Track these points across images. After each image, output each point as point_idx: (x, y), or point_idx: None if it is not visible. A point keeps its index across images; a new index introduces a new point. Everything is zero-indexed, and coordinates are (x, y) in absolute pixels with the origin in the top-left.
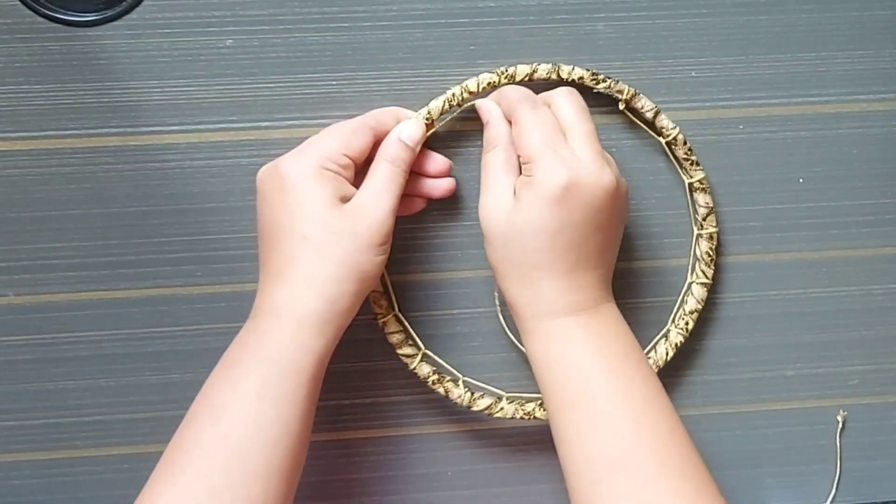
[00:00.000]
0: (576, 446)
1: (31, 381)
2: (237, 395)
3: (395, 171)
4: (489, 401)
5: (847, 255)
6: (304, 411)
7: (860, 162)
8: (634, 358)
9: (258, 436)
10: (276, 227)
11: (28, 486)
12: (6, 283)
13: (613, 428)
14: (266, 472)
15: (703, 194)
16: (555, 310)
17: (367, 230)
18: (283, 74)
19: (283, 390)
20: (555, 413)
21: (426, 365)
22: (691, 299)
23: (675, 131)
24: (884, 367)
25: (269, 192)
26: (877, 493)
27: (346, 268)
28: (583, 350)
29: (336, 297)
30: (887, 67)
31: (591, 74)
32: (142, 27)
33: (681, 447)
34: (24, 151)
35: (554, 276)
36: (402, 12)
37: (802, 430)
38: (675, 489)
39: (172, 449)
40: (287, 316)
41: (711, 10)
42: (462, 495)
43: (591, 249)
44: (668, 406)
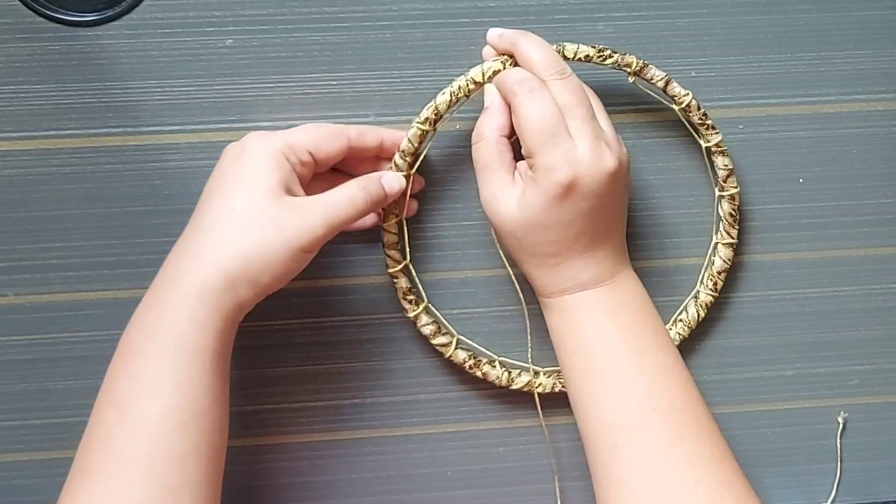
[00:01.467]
0: (593, 413)
1: (31, 381)
2: (140, 383)
3: (360, 196)
4: (527, 378)
5: (847, 255)
6: (213, 388)
7: (860, 162)
8: (651, 327)
9: (165, 423)
10: (212, 192)
11: (28, 486)
12: (6, 283)
13: (629, 397)
14: (180, 455)
15: (721, 157)
16: (575, 285)
17: (295, 228)
18: (283, 74)
19: (187, 371)
20: (572, 381)
21: (461, 351)
22: (718, 259)
23: (689, 97)
24: (884, 367)
25: (226, 160)
26: (877, 493)
27: (256, 253)
28: (599, 322)
29: (237, 279)
30: (887, 67)
31: (598, 51)
32: (142, 27)
33: (696, 415)
34: (24, 151)
35: (571, 259)
36: (402, 12)
37: (802, 430)
38: (691, 455)
39: (84, 448)
40: (186, 288)
41: (711, 10)
42: (462, 495)
43: (603, 228)
44: (684, 374)
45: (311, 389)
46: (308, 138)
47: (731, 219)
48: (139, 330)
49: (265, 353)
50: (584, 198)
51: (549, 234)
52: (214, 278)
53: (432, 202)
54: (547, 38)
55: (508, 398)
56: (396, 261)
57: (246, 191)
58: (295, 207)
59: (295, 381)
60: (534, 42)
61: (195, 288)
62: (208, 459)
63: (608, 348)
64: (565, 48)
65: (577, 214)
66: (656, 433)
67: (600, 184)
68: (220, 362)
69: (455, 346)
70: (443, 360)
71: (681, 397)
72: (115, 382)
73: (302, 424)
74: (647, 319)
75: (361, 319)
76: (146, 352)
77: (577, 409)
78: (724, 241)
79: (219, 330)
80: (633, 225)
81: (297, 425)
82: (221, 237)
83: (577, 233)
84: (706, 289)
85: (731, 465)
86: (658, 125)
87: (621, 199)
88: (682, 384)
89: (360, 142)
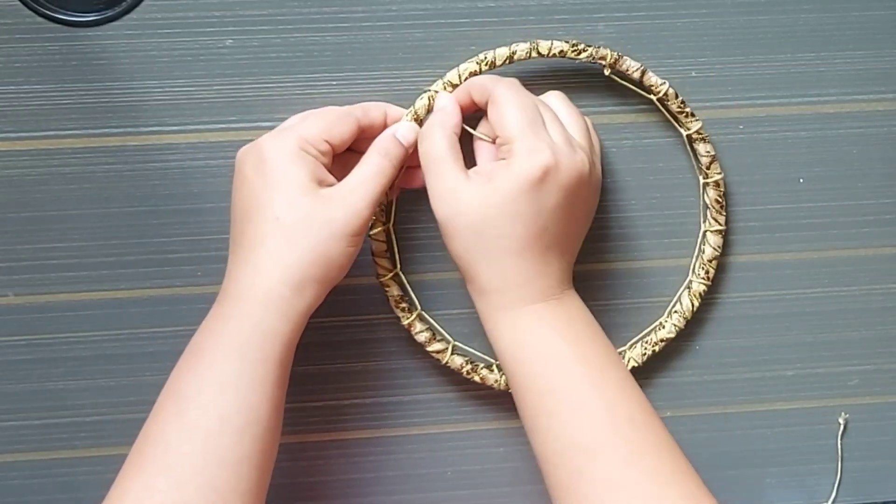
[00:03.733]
0: (553, 435)
1: (31, 381)
2: (201, 385)
3: (385, 164)
4: None
5: (847, 255)
6: (273, 397)
7: (860, 162)
8: (602, 343)
9: (223, 426)
10: (249, 205)
11: (28, 486)
12: (6, 283)
13: (590, 415)
14: (234, 461)
15: (703, 144)
16: (524, 296)
17: (342, 218)
18: (283, 74)
19: (249, 378)
20: (528, 404)
21: (458, 357)
22: (708, 248)
23: (665, 86)
24: (884, 367)
25: (247, 170)
26: (877, 493)
27: (314, 254)
28: (555, 337)
29: (302, 282)
30: (887, 67)
31: (572, 46)
32: (142, 27)
33: (655, 429)
34: (24, 151)
35: (526, 260)
36: (402, 12)
37: (802, 430)
38: (653, 470)
39: (140, 443)
40: (252, 300)
41: (711, 10)
42: (462, 495)
43: (561, 235)
44: (638, 390)
45: (311, 389)
46: (320, 127)
47: (718, 205)
48: (207, 334)
49: None
50: (554, 191)
51: (513, 226)
52: (280, 288)
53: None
54: (547, 39)
55: (508, 398)
56: (387, 269)
57: (282, 196)
58: (334, 198)
59: (295, 381)
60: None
61: (262, 298)
62: (260, 468)
63: (566, 364)
64: (539, 45)
65: (543, 208)
66: (618, 450)
67: (571, 179)
68: (282, 371)
69: (451, 352)
70: None
71: (639, 412)
72: (178, 382)
73: (302, 424)
74: (597, 336)
75: (361, 319)
76: (211, 355)
77: (534, 434)
78: (712, 228)
79: (286, 339)
80: (620, 225)
81: (297, 425)
82: (276, 249)
83: (539, 230)
84: (698, 278)
85: (693, 478)
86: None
87: (584, 215)
88: (639, 399)
89: (367, 119)
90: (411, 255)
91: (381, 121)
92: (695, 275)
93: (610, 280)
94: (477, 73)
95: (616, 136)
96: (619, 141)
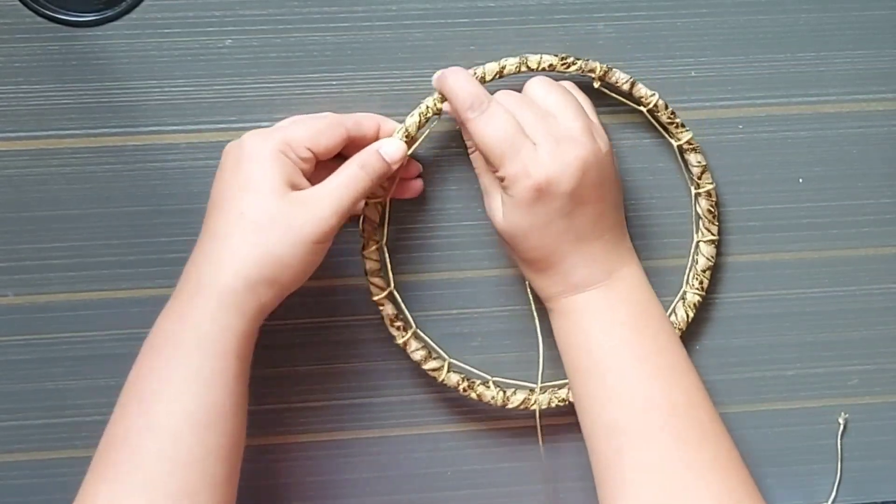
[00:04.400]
0: (594, 417)
1: (31, 381)
2: (163, 384)
3: (360, 175)
4: (523, 395)
5: (847, 255)
6: (234, 391)
7: (860, 162)
8: (653, 328)
9: (188, 423)
10: (220, 199)
11: (28, 486)
12: (6, 283)
13: (627, 400)
14: (200, 457)
15: (694, 154)
16: (568, 287)
17: (305, 223)
18: (283, 74)
19: (209, 374)
20: (575, 383)
21: (454, 374)
22: (701, 258)
23: (655, 98)
24: (884, 367)
25: (227, 163)
26: (877, 493)
27: (270, 255)
28: (596, 324)
29: (256, 282)
30: (887, 67)
31: (561, 60)
32: (142, 27)
33: (698, 419)
34: (24, 151)
35: (559, 261)
36: (402, 12)
37: (802, 430)
38: (691, 461)
39: (105, 445)
40: (207, 295)
41: (711, 10)
42: (462, 495)
43: (586, 224)
44: (688, 377)
45: (311, 389)
46: (305, 133)
47: (710, 215)
48: (163, 333)
49: (266, 353)
50: (556, 198)
51: (531, 240)
52: (234, 283)
53: (424, 203)
54: (547, 38)
55: None
56: (381, 288)
57: (252, 194)
58: (301, 202)
59: (295, 381)
60: (454, 80)
61: (217, 293)
62: (228, 461)
63: (605, 351)
64: (528, 59)
65: (554, 215)
66: (656, 437)
67: (569, 181)
68: (242, 365)
69: (447, 369)
70: None
71: (682, 401)
72: (139, 383)
73: (302, 424)
74: (647, 320)
75: (361, 319)
76: (170, 354)
77: (580, 410)
78: (704, 238)
79: (241, 333)
80: None
81: (297, 425)
82: (236, 243)
83: (558, 233)
84: (692, 289)
85: (735, 471)
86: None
87: (603, 191)
88: (685, 387)
89: (358, 130)
90: (422, 254)
91: (372, 133)
92: (689, 285)
93: None
94: None
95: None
96: (616, 148)
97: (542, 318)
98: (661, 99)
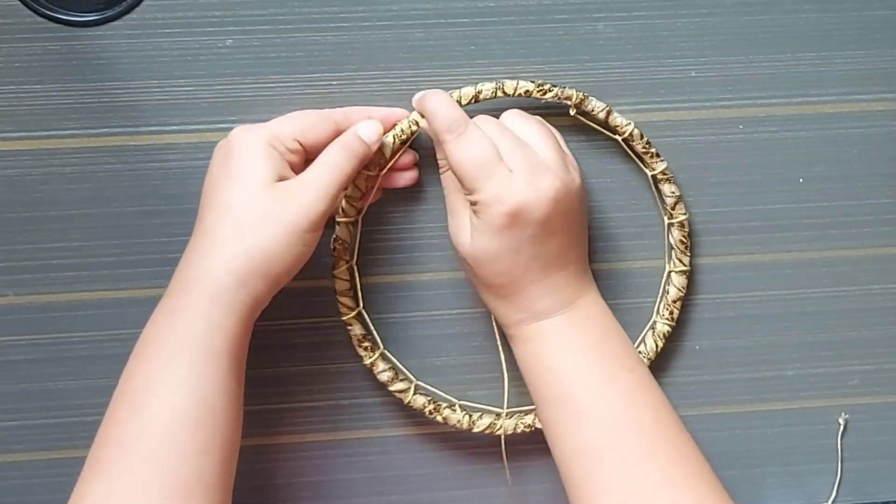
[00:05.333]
0: (563, 442)
1: (31, 381)
2: (154, 382)
3: (342, 157)
4: (488, 420)
5: (847, 255)
6: (228, 389)
7: (860, 162)
8: (616, 350)
9: (180, 422)
10: (210, 194)
11: (28, 486)
12: (6, 283)
13: (596, 422)
14: (193, 455)
15: (668, 184)
16: (532, 315)
17: (293, 215)
18: (283, 74)
19: (201, 372)
20: (542, 410)
21: (420, 396)
22: (672, 288)
23: (630, 127)
24: (884, 367)
25: (217, 159)
26: (877, 493)
27: (261, 248)
28: (561, 350)
29: (247, 275)
30: (887, 67)
31: (538, 86)
32: (142, 27)
33: (666, 435)
34: (24, 151)
35: (525, 288)
36: (402, 12)
37: (802, 430)
38: (663, 474)
39: (98, 446)
40: (198, 291)
41: (711, 10)
42: (462, 495)
43: (554, 254)
44: (653, 395)
45: (311, 389)
46: (294, 126)
47: (682, 246)
48: (154, 332)
49: (265, 353)
50: (528, 225)
51: (497, 266)
52: (225, 278)
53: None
54: (547, 38)
55: (508, 401)
56: (349, 307)
57: (240, 187)
58: (287, 192)
59: (295, 381)
60: (434, 102)
61: (207, 290)
62: (221, 459)
63: (571, 376)
64: (504, 85)
65: (524, 242)
66: (626, 455)
67: (542, 210)
68: (235, 363)
69: (413, 391)
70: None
71: (649, 418)
72: (131, 382)
73: (302, 424)
74: (611, 343)
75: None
76: (161, 353)
77: (549, 438)
78: (676, 269)
79: (233, 330)
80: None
81: (297, 425)
82: (225, 237)
83: (526, 260)
84: (662, 319)
85: (706, 481)
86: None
87: (573, 223)
88: (651, 405)
89: (348, 124)
90: (410, 255)
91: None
92: (659, 315)
93: None
94: None
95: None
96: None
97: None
98: (636, 128)
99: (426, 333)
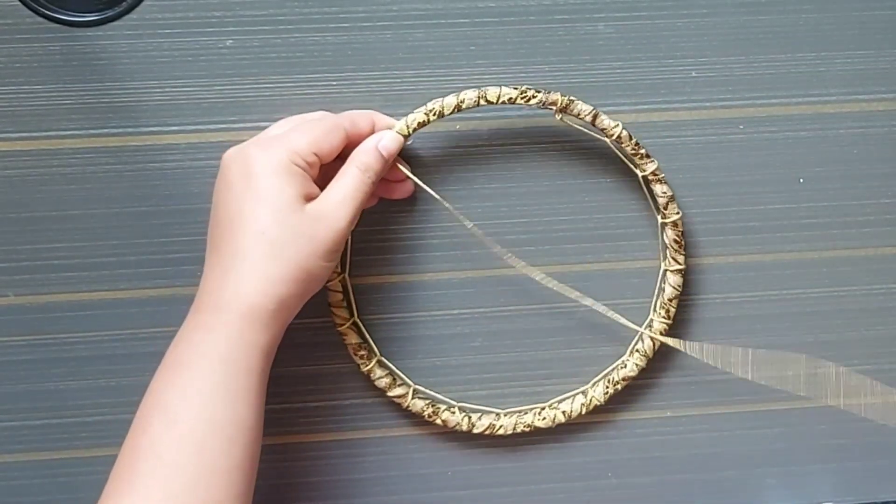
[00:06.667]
0: None
1: (31, 381)
2: (189, 396)
3: (363, 179)
4: (488, 421)
5: (847, 255)
6: (257, 407)
7: (860, 162)
8: None
9: (215, 436)
10: (234, 215)
11: (28, 486)
12: (6, 283)
13: None
14: (226, 469)
15: (659, 184)
16: None
17: (324, 237)
18: (283, 74)
19: (235, 389)
20: None
21: (419, 400)
22: (668, 287)
23: (619, 129)
24: (884, 367)
25: (234, 177)
26: (877, 493)
27: (298, 270)
28: None
29: (284, 297)
30: (887, 67)
31: (521, 93)
32: (142, 27)
33: None
34: (24, 151)
35: None
36: (402, 12)
37: (802, 430)
38: None
39: (128, 455)
40: (234, 312)
41: (711, 10)
42: (462, 495)
43: None
44: None
45: (312, 390)
46: (309, 140)
47: (677, 245)
48: (188, 346)
49: None
50: None
51: None
52: (265, 302)
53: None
54: (547, 38)
55: (509, 402)
56: (344, 318)
57: (270, 210)
58: (317, 216)
59: (296, 382)
60: None
61: (246, 311)
62: (249, 475)
63: None
64: (487, 93)
65: None
66: None
67: None
68: (264, 381)
69: (412, 395)
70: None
71: None
72: (163, 395)
73: (302, 424)
74: None
75: (361, 321)
76: (196, 367)
77: None
78: (671, 268)
79: (266, 349)
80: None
81: (298, 425)
82: (261, 264)
83: None
84: (659, 317)
85: None
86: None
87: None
88: None
89: (355, 129)
90: (413, 255)
91: (368, 130)
92: (655, 314)
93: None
94: (425, 123)
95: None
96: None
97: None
98: (624, 130)
99: (426, 334)
